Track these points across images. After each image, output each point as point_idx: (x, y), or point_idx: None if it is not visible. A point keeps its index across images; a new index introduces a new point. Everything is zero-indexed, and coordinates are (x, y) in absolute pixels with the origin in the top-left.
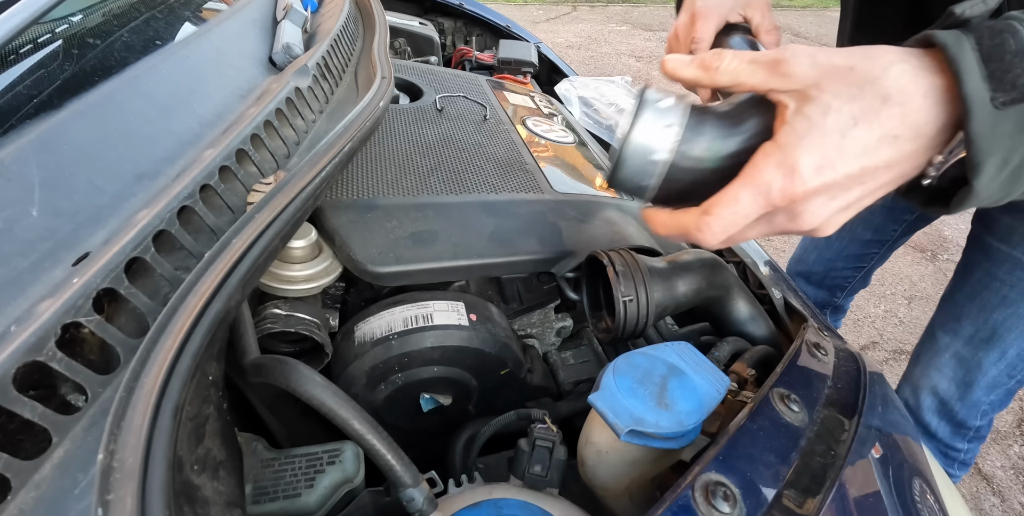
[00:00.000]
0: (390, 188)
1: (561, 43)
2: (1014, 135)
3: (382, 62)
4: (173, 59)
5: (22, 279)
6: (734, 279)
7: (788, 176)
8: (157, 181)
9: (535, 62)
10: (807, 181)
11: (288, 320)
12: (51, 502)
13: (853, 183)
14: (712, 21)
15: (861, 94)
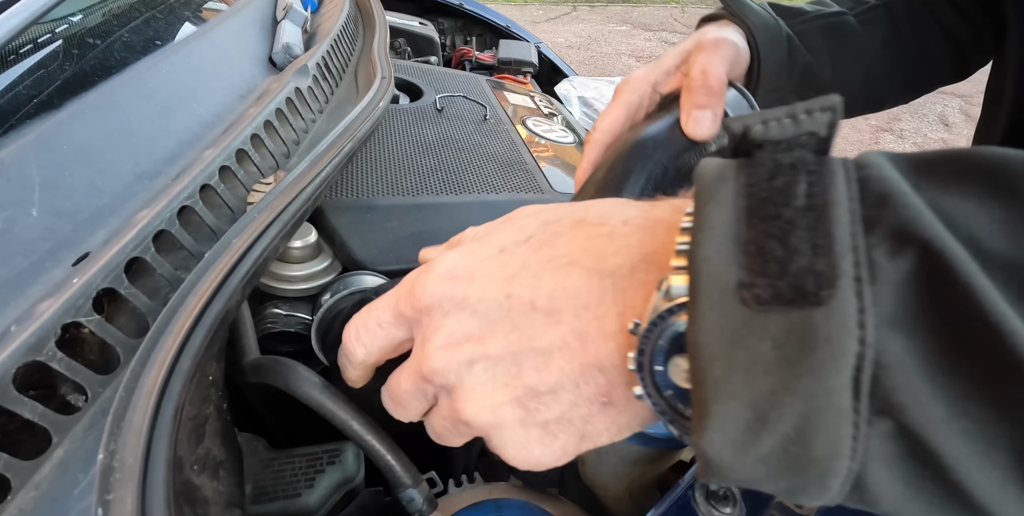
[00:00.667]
0: (390, 188)
1: (561, 43)
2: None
3: (382, 62)
4: (173, 59)
5: (22, 279)
6: None
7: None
8: (157, 181)
9: (535, 62)
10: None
11: (288, 320)
12: (51, 502)
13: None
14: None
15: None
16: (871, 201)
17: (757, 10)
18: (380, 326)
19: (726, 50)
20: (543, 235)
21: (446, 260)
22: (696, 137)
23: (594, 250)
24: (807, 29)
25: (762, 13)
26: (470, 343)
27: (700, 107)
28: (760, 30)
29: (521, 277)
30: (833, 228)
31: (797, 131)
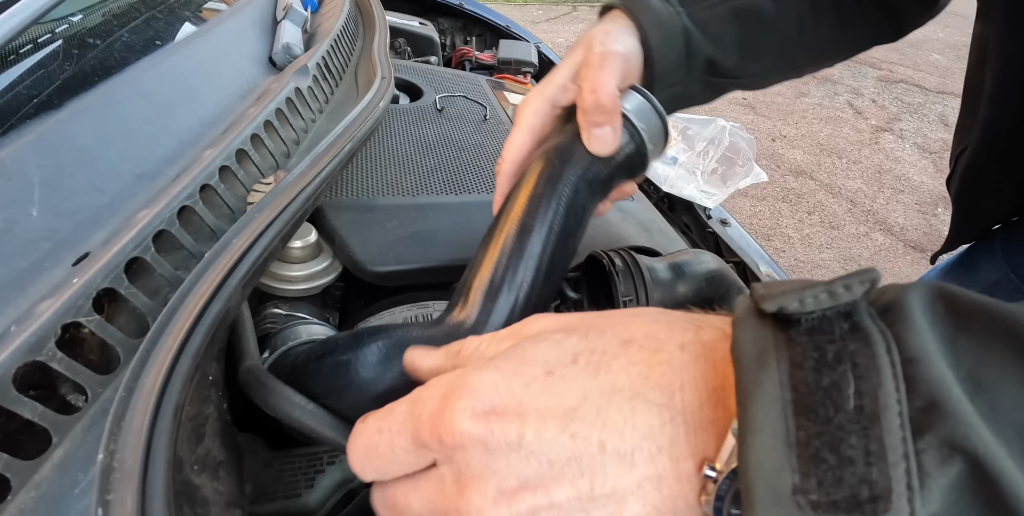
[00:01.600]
0: (390, 188)
1: (561, 43)
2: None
3: (382, 62)
4: (173, 59)
5: (22, 279)
6: (734, 279)
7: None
8: (157, 181)
9: (535, 62)
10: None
11: (288, 320)
12: (51, 502)
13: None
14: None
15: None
16: (919, 404)
17: (653, 5)
18: (394, 452)
19: (613, 64)
20: (593, 355)
21: (482, 384)
22: (600, 154)
23: (659, 382)
24: (711, 16)
25: (658, 7)
26: (529, 492)
27: (597, 125)
28: (653, 29)
29: (584, 412)
30: (885, 435)
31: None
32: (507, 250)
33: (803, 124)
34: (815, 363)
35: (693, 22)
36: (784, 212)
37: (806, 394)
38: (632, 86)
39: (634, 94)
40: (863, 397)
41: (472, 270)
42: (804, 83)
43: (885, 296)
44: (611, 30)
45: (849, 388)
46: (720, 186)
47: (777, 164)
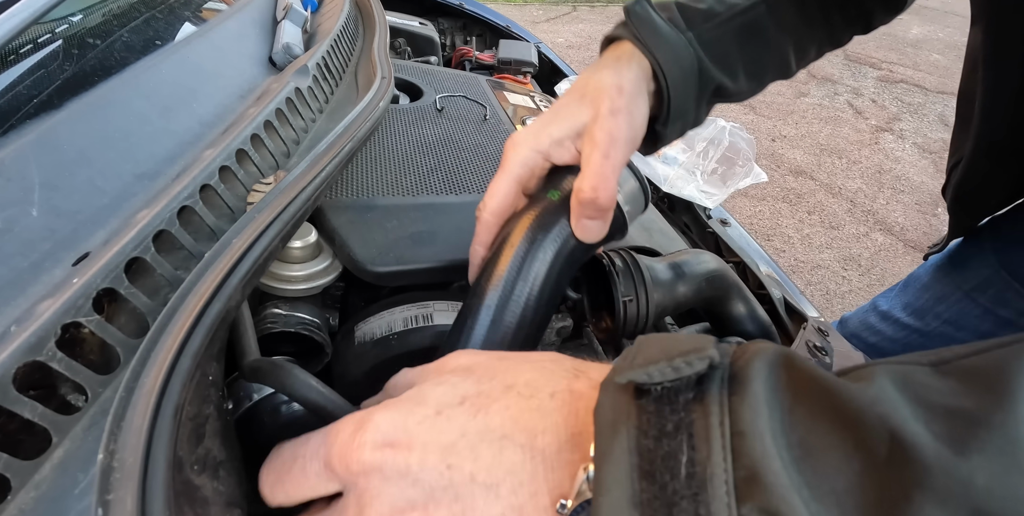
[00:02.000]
0: (390, 188)
1: (561, 43)
2: None
3: (382, 62)
4: (173, 59)
5: (22, 279)
6: (734, 279)
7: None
8: (157, 181)
9: (535, 62)
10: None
11: (288, 320)
12: (51, 502)
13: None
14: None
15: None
16: (743, 474)
17: (666, 37)
18: (306, 475)
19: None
20: (478, 399)
21: (384, 421)
22: (585, 241)
23: (526, 425)
24: (720, 35)
25: (672, 38)
26: (415, 512)
27: (590, 218)
28: (671, 66)
29: (460, 447)
30: (712, 501)
31: (678, 376)
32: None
33: (803, 124)
34: (657, 432)
35: (702, 47)
36: (784, 212)
37: (648, 460)
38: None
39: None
40: (695, 465)
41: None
42: (804, 83)
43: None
44: (624, 82)
45: (683, 457)
46: (720, 186)
47: (777, 164)
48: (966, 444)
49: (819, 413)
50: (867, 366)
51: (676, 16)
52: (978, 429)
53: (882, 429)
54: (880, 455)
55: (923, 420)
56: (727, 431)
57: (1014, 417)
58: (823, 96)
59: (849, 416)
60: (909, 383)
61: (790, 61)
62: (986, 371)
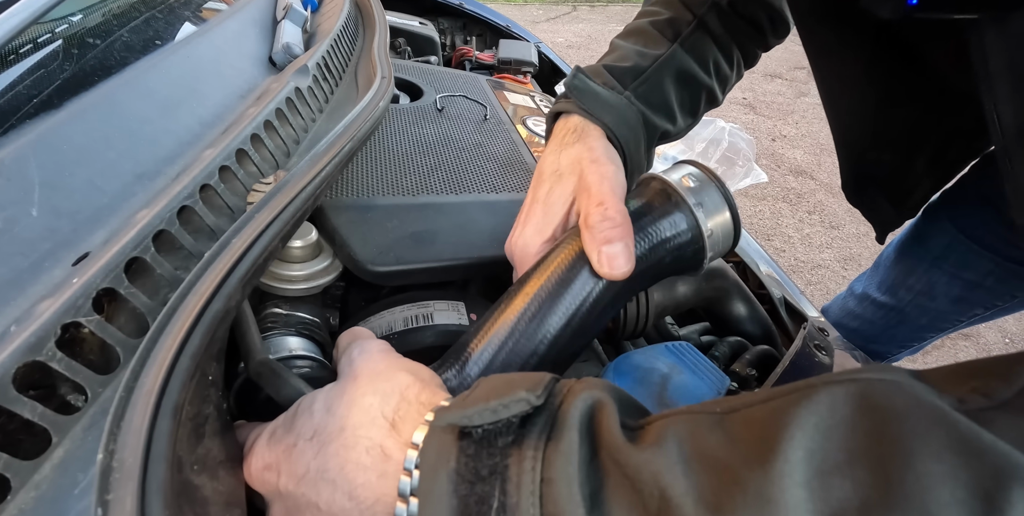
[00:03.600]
0: (390, 188)
1: (561, 43)
2: None
3: (382, 62)
4: (173, 59)
5: (22, 279)
6: (734, 279)
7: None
8: (157, 181)
9: (535, 62)
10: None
11: (289, 319)
12: (51, 502)
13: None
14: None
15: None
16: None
17: (609, 101)
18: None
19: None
20: (322, 435)
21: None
22: (612, 277)
23: (348, 476)
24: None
25: (613, 101)
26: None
27: (608, 241)
28: (620, 127)
29: (307, 479)
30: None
31: (496, 418)
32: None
33: (803, 124)
34: (473, 476)
35: (640, 101)
36: (784, 212)
37: (465, 504)
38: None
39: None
40: (506, 510)
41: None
42: (804, 83)
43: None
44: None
45: (494, 502)
46: None
47: (777, 164)
48: (723, 504)
49: (610, 468)
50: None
51: (609, 79)
52: (736, 489)
53: (654, 488)
54: (652, 510)
55: (694, 476)
56: (537, 477)
57: (769, 476)
58: None
59: (631, 474)
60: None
61: (716, 91)
62: (762, 423)
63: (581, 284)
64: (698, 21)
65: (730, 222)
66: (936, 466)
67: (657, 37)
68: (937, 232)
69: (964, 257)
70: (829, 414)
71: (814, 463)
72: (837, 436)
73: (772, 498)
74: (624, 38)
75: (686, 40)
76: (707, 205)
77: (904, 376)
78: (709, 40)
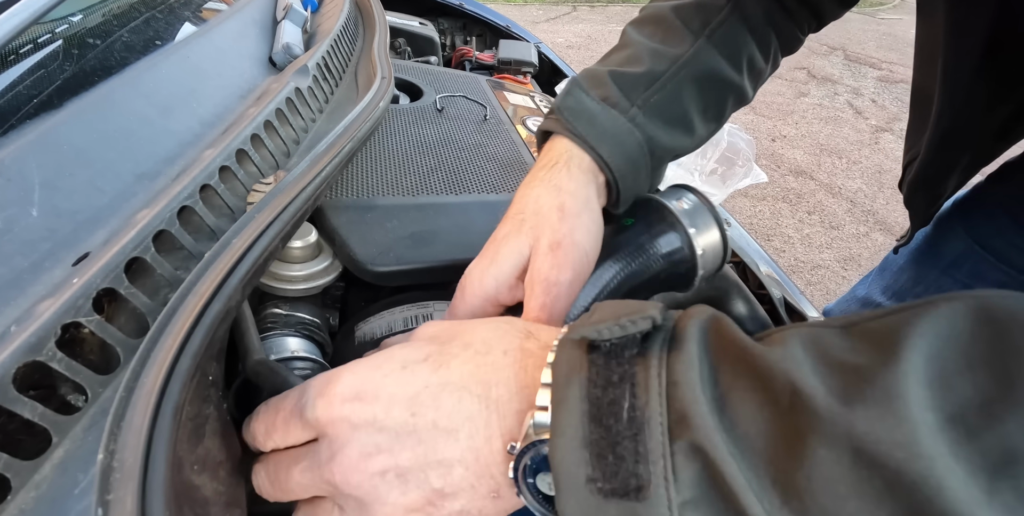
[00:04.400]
0: (390, 188)
1: (561, 43)
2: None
3: (382, 62)
4: (173, 59)
5: (22, 279)
6: (734, 279)
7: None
8: (157, 181)
9: (535, 62)
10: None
11: (288, 320)
12: (51, 502)
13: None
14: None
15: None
16: (675, 417)
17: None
18: (288, 425)
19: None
20: (440, 356)
21: (353, 374)
22: None
23: (482, 378)
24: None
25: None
26: (382, 455)
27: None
28: (616, 158)
29: (423, 397)
30: (648, 440)
31: (624, 333)
32: None
33: (803, 124)
34: (604, 382)
35: (649, 116)
36: (784, 212)
37: (596, 406)
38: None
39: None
40: (635, 410)
41: None
42: (804, 83)
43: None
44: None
45: (625, 403)
46: (720, 186)
47: (777, 164)
48: (852, 397)
49: (739, 371)
50: (787, 329)
51: (613, 93)
52: (863, 384)
53: (785, 384)
54: (784, 405)
55: (821, 375)
56: (663, 381)
57: (894, 374)
58: (823, 96)
59: (761, 373)
60: (816, 343)
61: (746, 90)
62: (882, 333)
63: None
64: (732, 4)
65: (720, 243)
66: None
67: (679, 29)
68: (951, 240)
69: (977, 267)
70: (949, 324)
71: (936, 366)
72: (958, 343)
73: (899, 393)
74: (639, 27)
75: (715, 31)
76: (700, 227)
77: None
78: (744, 29)
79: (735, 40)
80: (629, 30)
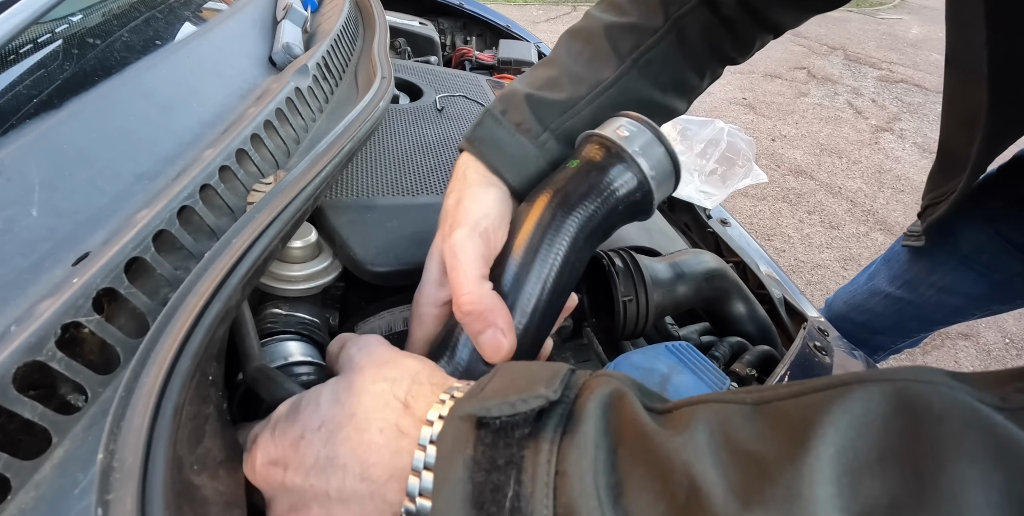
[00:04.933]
0: (390, 188)
1: None
2: None
3: (382, 62)
4: (173, 59)
5: (22, 279)
6: (734, 279)
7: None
8: (157, 181)
9: (535, 62)
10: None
11: (288, 320)
12: (51, 502)
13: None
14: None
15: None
16: (562, 511)
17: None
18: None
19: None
20: (331, 424)
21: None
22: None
23: (360, 457)
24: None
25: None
26: (299, 512)
27: (478, 333)
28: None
29: (317, 469)
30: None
31: (514, 411)
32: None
33: (803, 124)
34: (489, 465)
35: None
36: (784, 212)
37: (479, 491)
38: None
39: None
40: (520, 500)
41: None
42: (804, 83)
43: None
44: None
45: (509, 491)
46: (720, 186)
47: (777, 164)
48: (752, 496)
49: (637, 457)
50: (697, 403)
51: (527, 118)
52: (766, 481)
53: (684, 476)
54: (680, 500)
55: (723, 467)
56: (552, 470)
57: (799, 471)
58: (823, 96)
59: (659, 462)
60: (723, 426)
61: (675, 107)
62: (794, 417)
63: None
64: (668, 27)
65: (669, 162)
66: (970, 469)
67: (607, 53)
68: (970, 231)
69: (996, 257)
70: (863, 412)
71: (845, 460)
72: (870, 434)
73: (801, 493)
74: (571, 41)
75: (644, 55)
76: (645, 151)
77: (942, 377)
78: (679, 52)
79: (666, 63)
80: (562, 41)
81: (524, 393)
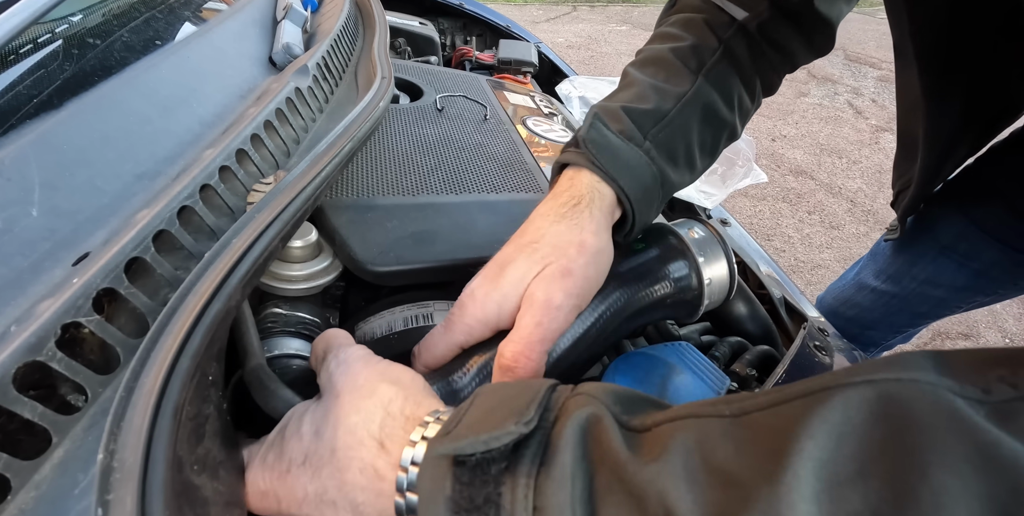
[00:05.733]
0: (390, 188)
1: (561, 43)
2: None
3: (382, 62)
4: (173, 59)
5: (22, 279)
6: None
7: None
8: (157, 181)
9: (535, 62)
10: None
11: (289, 319)
12: (51, 502)
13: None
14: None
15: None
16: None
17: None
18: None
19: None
20: (312, 460)
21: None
22: None
23: (347, 495)
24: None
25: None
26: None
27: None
28: (636, 190)
29: (307, 502)
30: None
31: (488, 448)
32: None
33: (803, 124)
34: (468, 504)
35: (659, 150)
36: (784, 212)
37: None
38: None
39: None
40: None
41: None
42: (804, 83)
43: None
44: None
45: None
46: (720, 186)
47: (777, 164)
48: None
49: (613, 486)
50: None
51: (628, 126)
52: (743, 504)
53: (659, 506)
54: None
55: (700, 491)
56: (530, 505)
57: (777, 492)
58: (823, 96)
59: (634, 491)
60: (701, 445)
61: (737, 129)
62: (773, 430)
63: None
64: (724, 48)
65: (727, 277)
66: (952, 478)
67: (679, 69)
68: (947, 221)
69: (975, 246)
70: (842, 421)
71: (824, 475)
72: (849, 446)
73: (780, 514)
74: (640, 68)
75: (711, 71)
76: (709, 257)
77: (925, 372)
78: (733, 71)
79: (727, 81)
80: (631, 71)
81: (496, 430)
